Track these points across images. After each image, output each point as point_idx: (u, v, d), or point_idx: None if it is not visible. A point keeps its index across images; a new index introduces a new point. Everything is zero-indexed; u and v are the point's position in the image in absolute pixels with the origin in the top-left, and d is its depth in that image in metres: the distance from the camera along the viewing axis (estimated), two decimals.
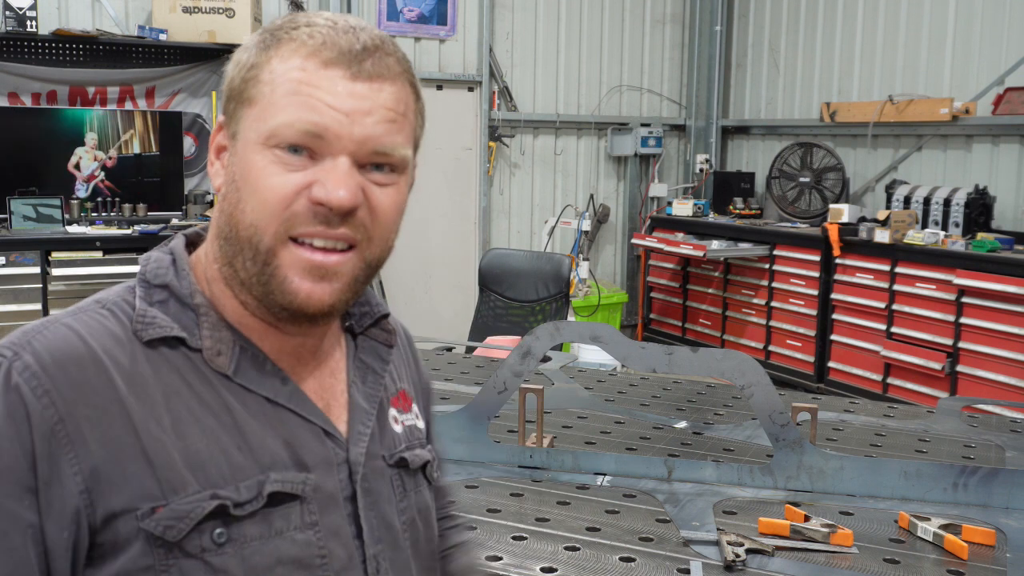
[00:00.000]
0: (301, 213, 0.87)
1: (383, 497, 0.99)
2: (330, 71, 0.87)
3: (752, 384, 1.82)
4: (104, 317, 0.89)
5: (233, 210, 0.90)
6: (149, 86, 5.63)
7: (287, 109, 0.87)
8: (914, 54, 6.10)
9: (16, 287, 4.83)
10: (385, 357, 1.06)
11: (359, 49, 0.89)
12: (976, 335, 5.04)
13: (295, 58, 0.88)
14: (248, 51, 0.92)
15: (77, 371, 0.83)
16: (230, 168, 0.91)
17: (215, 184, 0.94)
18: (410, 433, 1.07)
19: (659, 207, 7.47)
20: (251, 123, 0.89)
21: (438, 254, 6.84)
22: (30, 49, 5.31)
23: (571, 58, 7.22)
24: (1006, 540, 1.63)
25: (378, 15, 6.45)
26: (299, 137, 0.87)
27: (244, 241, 0.89)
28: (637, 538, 1.61)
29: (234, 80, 0.91)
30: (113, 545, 0.82)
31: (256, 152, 0.88)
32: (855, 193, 6.51)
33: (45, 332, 0.85)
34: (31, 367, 0.82)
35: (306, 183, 0.87)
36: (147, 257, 0.95)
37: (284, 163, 0.87)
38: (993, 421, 2.47)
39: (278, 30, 0.91)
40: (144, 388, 0.86)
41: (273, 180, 0.87)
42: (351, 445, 0.96)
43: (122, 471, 0.82)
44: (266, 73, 0.89)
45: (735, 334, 6.68)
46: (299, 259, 0.88)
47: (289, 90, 0.87)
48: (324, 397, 0.98)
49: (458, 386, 2.61)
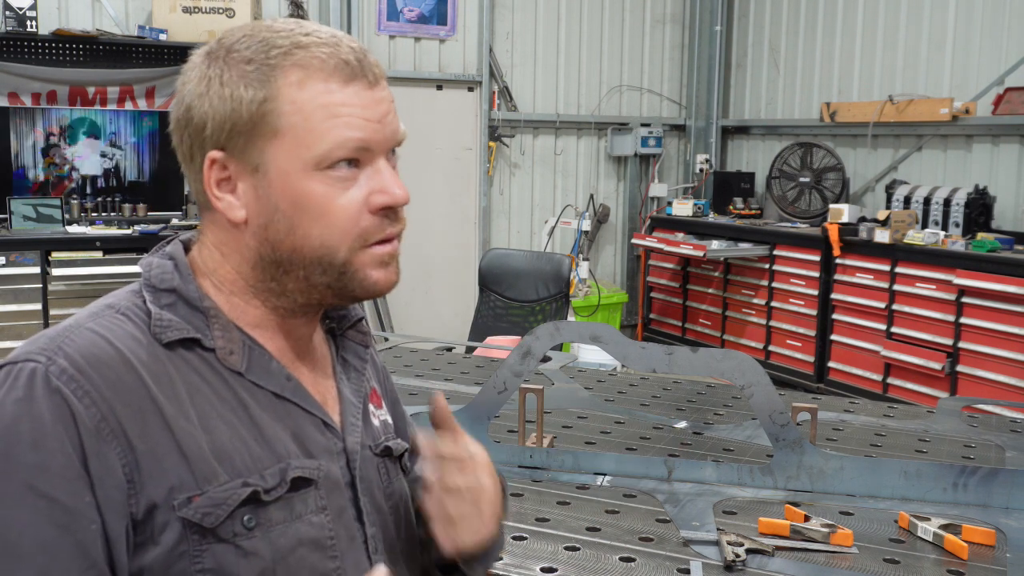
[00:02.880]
0: (371, 226, 0.96)
1: (373, 483, 1.06)
2: (353, 86, 0.94)
3: (752, 384, 1.82)
4: (122, 321, 0.93)
5: (286, 237, 0.95)
6: (149, 86, 5.63)
7: (332, 132, 0.93)
8: (914, 54, 6.10)
9: (16, 287, 4.83)
10: (363, 356, 1.13)
11: (357, 59, 0.96)
12: (976, 335, 5.04)
13: (315, 83, 0.93)
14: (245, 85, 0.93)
15: (110, 372, 0.87)
16: (265, 199, 0.95)
17: (235, 216, 0.96)
18: (385, 427, 1.14)
19: (659, 207, 7.47)
20: (287, 153, 0.93)
21: (438, 254, 6.84)
22: (30, 49, 5.31)
23: (571, 58, 7.22)
24: (1006, 540, 1.63)
25: (378, 15, 6.45)
26: (352, 154, 0.94)
27: (312, 261, 0.96)
28: (637, 538, 1.61)
29: (239, 115, 0.93)
30: (152, 534, 0.87)
31: (309, 179, 0.94)
32: (855, 193, 6.51)
33: (72, 336, 0.89)
34: (67, 370, 0.86)
35: (363, 197, 0.95)
36: (148, 263, 1.00)
37: (339, 182, 0.94)
38: (993, 421, 2.47)
39: (267, 59, 0.93)
40: (171, 386, 0.91)
41: (339, 202, 0.94)
42: (347, 435, 1.04)
43: (160, 464, 0.87)
44: (286, 104, 0.92)
45: (735, 334, 6.68)
46: (374, 257, 0.98)
47: (328, 114, 0.93)
48: (320, 391, 1.04)
49: (458, 386, 2.61)
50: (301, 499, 0.95)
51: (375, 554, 1.02)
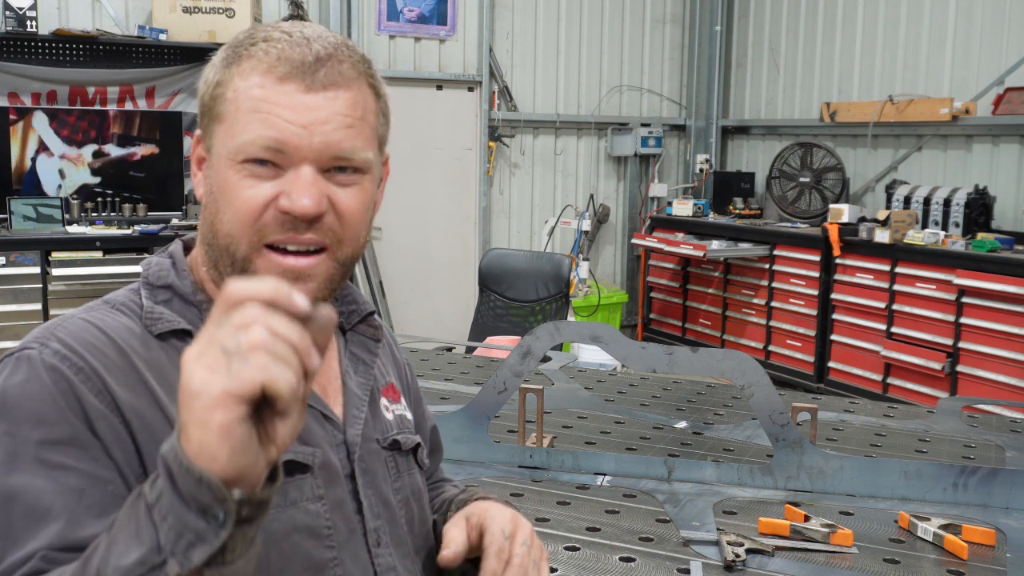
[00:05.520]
0: (271, 223, 0.93)
1: (379, 476, 1.06)
2: (286, 86, 0.93)
3: (752, 384, 1.82)
4: (116, 314, 0.96)
5: (213, 219, 0.96)
6: (149, 86, 5.63)
7: (249, 127, 0.92)
8: (914, 54, 6.10)
9: (16, 287, 4.83)
10: (373, 350, 1.13)
11: (311, 60, 0.93)
12: (976, 335, 5.04)
13: (254, 75, 0.93)
14: (214, 68, 0.98)
15: (101, 355, 0.90)
16: (208, 180, 0.98)
17: (198, 193, 1.01)
18: (400, 421, 1.14)
19: (659, 207, 7.47)
20: (222, 139, 0.95)
21: (438, 254, 6.84)
22: (30, 49, 5.31)
23: (571, 58, 7.22)
24: (1006, 540, 1.63)
25: (378, 15, 6.45)
26: (262, 153, 0.92)
27: (223, 249, 0.96)
28: (637, 538, 1.61)
29: (204, 97, 0.98)
30: None
31: (228, 167, 0.94)
32: (855, 193, 6.51)
33: (65, 324, 0.92)
34: (60, 352, 0.88)
35: (274, 194, 0.93)
36: (148, 262, 1.03)
37: (253, 175, 0.93)
38: (993, 421, 2.47)
39: (239, 46, 0.97)
40: (162, 372, 0.93)
41: (245, 193, 0.93)
42: (348, 428, 1.04)
43: (153, 440, 0.88)
44: (230, 91, 0.95)
45: (735, 334, 6.68)
46: (274, 264, 0.94)
47: (250, 108, 0.93)
48: (321, 384, 1.05)
49: (458, 386, 2.61)
50: (296, 485, 0.95)
51: (377, 547, 1.02)
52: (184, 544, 0.69)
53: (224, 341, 0.66)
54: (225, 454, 0.66)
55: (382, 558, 1.03)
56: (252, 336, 0.66)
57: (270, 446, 0.69)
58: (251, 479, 0.69)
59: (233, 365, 0.65)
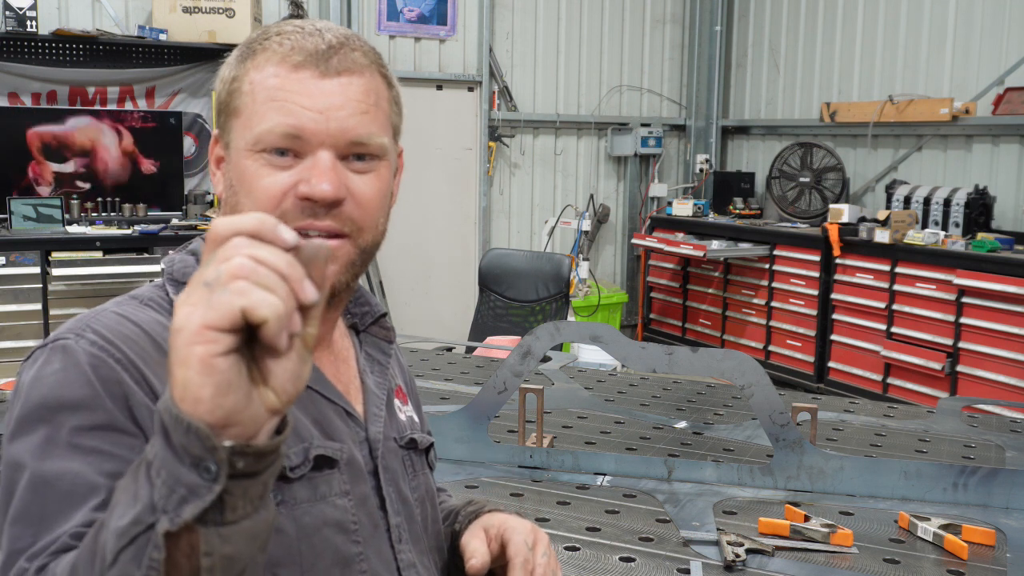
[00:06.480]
0: (291, 210, 0.94)
1: (398, 474, 1.07)
2: (300, 73, 0.94)
3: (752, 384, 1.82)
4: (145, 309, 0.96)
5: (234, 212, 0.97)
6: (149, 86, 5.63)
7: (267, 116, 0.94)
8: (914, 54, 6.10)
9: (16, 287, 4.83)
10: (387, 351, 1.15)
11: (324, 48, 0.95)
12: (976, 335, 5.04)
13: (268, 66, 0.95)
14: (229, 66, 1.00)
15: (137, 346, 0.90)
16: (227, 175, 1.00)
17: (218, 191, 1.03)
18: (411, 422, 1.16)
19: (659, 207, 7.47)
20: (240, 132, 0.97)
21: (438, 254, 6.84)
22: (30, 49, 5.31)
23: (571, 58, 7.22)
24: (1006, 540, 1.63)
25: (378, 15, 6.45)
26: (281, 140, 0.94)
27: None
28: (637, 538, 1.61)
29: (220, 94, 1.00)
30: None
31: (247, 158, 0.96)
32: (855, 193, 6.51)
33: (99, 317, 0.92)
34: (98, 342, 0.88)
35: (293, 182, 0.94)
36: (171, 259, 1.04)
37: (272, 165, 0.95)
38: (993, 421, 2.47)
39: (253, 43, 0.99)
40: None
41: (264, 182, 0.94)
42: (369, 425, 1.05)
43: None
44: (246, 84, 0.96)
45: (735, 334, 6.68)
46: None
47: (267, 97, 0.95)
48: (342, 382, 1.06)
49: (458, 386, 2.61)
50: (325, 480, 0.96)
51: (399, 543, 1.04)
52: (176, 499, 0.65)
53: (206, 275, 0.64)
54: (208, 392, 0.63)
55: (404, 554, 1.04)
56: (232, 265, 0.63)
57: (265, 390, 0.65)
58: (245, 426, 0.65)
59: (213, 296, 0.63)
